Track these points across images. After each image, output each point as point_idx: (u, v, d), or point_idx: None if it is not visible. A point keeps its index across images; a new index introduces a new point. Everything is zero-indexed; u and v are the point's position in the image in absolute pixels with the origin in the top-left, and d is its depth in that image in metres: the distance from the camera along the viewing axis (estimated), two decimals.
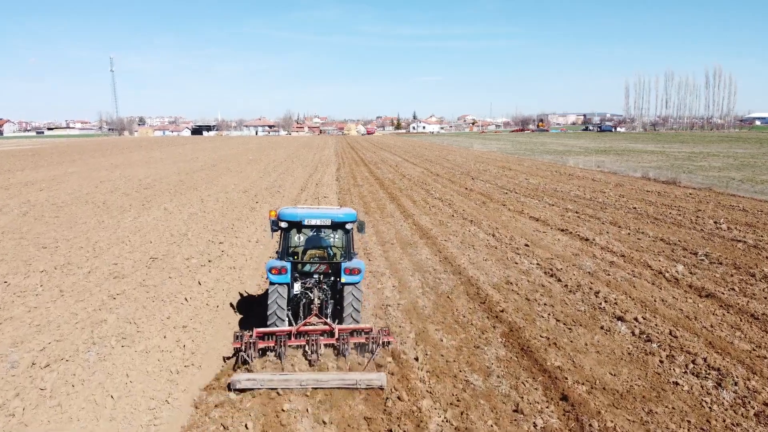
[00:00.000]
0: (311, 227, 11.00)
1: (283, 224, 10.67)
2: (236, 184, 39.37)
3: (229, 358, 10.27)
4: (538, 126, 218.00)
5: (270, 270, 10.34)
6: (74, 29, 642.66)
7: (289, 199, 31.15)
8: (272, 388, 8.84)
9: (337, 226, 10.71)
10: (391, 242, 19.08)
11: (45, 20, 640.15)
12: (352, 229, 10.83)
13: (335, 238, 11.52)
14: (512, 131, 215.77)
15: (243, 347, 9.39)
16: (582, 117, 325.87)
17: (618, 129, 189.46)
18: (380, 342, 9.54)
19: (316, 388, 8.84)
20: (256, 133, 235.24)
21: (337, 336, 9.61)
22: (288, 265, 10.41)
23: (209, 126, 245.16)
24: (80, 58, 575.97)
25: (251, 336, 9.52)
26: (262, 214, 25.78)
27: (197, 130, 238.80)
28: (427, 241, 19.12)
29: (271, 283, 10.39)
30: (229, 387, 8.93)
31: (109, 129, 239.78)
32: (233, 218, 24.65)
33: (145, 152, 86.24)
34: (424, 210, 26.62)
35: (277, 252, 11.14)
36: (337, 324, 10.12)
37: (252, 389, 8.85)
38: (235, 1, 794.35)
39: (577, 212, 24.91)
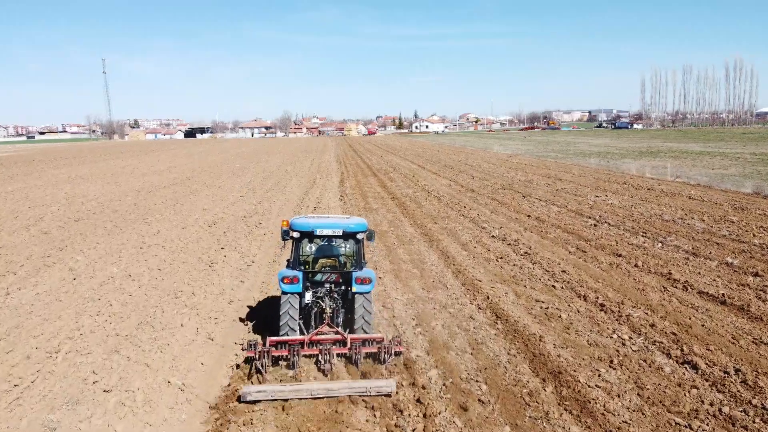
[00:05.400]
0: (322, 237, 10.94)
1: (295, 234, 10.61)
2: (206, 208, 29.00)
3: (238, 366, 9.70)
4: (548, 124, 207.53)
5: (282, 279, 10.33)
6: (72, 33, 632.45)
7: (272, 239, 20.78)
8: (283, 399, 8.37)
9: (348, 236, 10.68)
10: (478, 395, 8.51)
11: (43, 24, 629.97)
12: (362, 238, 10.77)
13: (346, 248, 11.37)
14: (522, 129, 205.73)
15: (257, 356, 9.26)
16: (587, 114, 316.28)
17: (635, 126, 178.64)
18: (392, 351, 9.44)
19: (326, 398, 8.43)
20: (252, 135, 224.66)
21: (349, 345, 9.55)
22: (300, 275, 10.42)
23: (203, 128, 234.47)
24: (80, 61, 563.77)
25: (264, 345, 9.48)
26: (222, 279, 15.42)
27: (190, 133, 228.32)
28: (564, 400, 8.42)
29: (283, 293, 10.31)
30: (239, 399, 8.49)
31: (102, 132, 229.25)
32: (170, 291, 14.31)
33: (120, 160, 75.92)
34: (489, 266, 16.24)
35: (288, 261, 11.08)
36: (349, 333, 10.08)
37: (262, 400, 8.38)
38: (233, 3, 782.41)
39: (758, 275, 14.48)
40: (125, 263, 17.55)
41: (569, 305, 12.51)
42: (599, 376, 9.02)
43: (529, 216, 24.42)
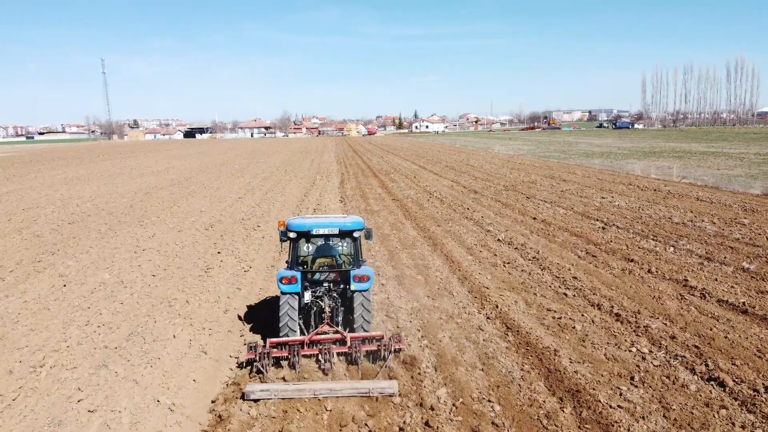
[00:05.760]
0: (319, 236, 10.98)
1: (292, 234, 10.64)
2: (204, 210, 28.37)
3: (241, 366, 9.75)
4: (549, 124, 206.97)
5: (280, 280, 10.36)
6: (72, 33, 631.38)
7: (271, 242, 20.15)
8: (286, 398, 8.41)
9: (344, 234, 10.76)
10: (491, 417, 7.47)
11: (43, 24, 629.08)
12: (359, 236, 10.87)
13: (343, 247, 11.42)
14: (522, 129, 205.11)
15: (257, 357, 9.26)
16: (587, 114, 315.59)
17: (636, 125, 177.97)
18: (392, 349, 9.41)
19: (329, 397, 8.42)
20: (251, 135, 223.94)
21: (349, 344, 9.52)
22: (298, 275, 10.45)
23: (202, 129, 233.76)
24: (79, 61, 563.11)
25: (264, 346, 9.48)
26: (218, 286, 14.77)
27: (190, 133, 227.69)
28: (584, 422, 7.46)
29: (282, 293, 10.35)
30: (243, 397, 8.53)
31: (101, 133, 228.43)
32: (163, 299, 13.66)
33: (118, 161, 75.28)
34: (495, 272, 15.60)
35: (287, 261, 11.14)
36: (349, 332, 10.09)
37: (266, 399, 8.42)
38: (233, 3, 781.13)
39: None
40: (118, 269, 16.92)
41: (583, 315, 11.86)
42: (620, 395, 8.38)
43: (534, 218, 23.79)
